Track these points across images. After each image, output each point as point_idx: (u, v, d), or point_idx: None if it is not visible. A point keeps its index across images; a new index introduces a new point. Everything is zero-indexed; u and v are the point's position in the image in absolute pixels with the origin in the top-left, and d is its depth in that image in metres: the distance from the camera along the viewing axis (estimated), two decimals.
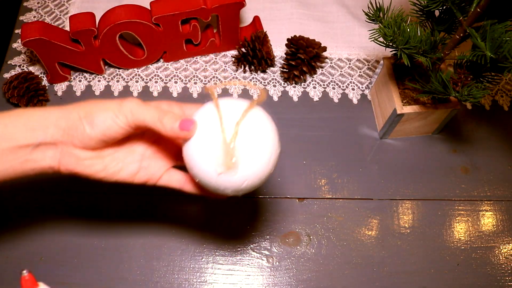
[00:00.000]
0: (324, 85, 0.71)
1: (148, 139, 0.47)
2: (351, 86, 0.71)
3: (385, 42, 0.52)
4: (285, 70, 0.70)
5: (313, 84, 0.71)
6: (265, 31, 0.69)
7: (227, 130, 0.39)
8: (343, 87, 0.70)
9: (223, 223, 0.60)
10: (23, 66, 0.71)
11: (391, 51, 0.60)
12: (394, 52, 0.57)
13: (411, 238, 0.59)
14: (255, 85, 0.42)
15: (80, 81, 0.70)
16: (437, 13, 0.57)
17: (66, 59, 0.65)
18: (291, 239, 0.59)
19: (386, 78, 0.62)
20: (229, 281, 0.56)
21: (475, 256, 0.58)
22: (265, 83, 0.70)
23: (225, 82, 0.43)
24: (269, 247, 0.58)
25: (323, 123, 0.67)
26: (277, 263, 0.57)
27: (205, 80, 0.70)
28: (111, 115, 0.40)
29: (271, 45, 0.69)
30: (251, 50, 0.68)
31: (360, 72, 0.72)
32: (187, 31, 0.67)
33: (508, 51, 0.45)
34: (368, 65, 0.72)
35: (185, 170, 0.44)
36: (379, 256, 0.58)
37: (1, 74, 0.70)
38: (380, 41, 0.53)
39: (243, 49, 0.69)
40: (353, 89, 0.70)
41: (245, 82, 0.45)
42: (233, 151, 0.39)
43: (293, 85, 0.70)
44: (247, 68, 0.71)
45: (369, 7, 0.54)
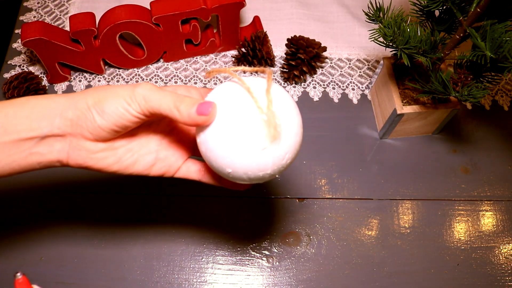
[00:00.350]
0: (324, 85, 0.71)
1: (165, 128, 0.43)
2: (351, 86, 0.71)
3: (385, 42, 0.52)
4: (285, 70, 0.70)
5: (313, 84, 0.71)
6: (265, 31, 0.69)
7: (259, 100, 0.36)
8: (343, 87, 0.70)
9: (223, 223, 0.60)
10: (23, 66, 0.71)
11: (391, 51, 0.60)
12: (394, 52, 0.57)
13: (411, 238, 0.59)
14: (262, 68, 0.40)
15: (80, 81, 0.70)
16: (437, 13, 0.57)
17: (66, 59, 0.65)
18: (291, 239, 0.59)
19: (386, 78, 0.62)
20: (229, 281, 0.56)
21: (475, 256, 0.58)
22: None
23: (230, 69, 0.40)
24: (269, 247, 0.58)
25: (323, 123, 0.67)
26: (277, 263, 0.57)
27: (205, 80, 0.70)
28: (122, 103, 0.37)
29: (271, 45, 0.69)
30: (251, 50, 0.68)
31: (360, 72, 0.72)
32: (187, 31, 0.67)
33: (508, 51, 0.45)
34: (368, 65, 0.72)
35: (202, 159, 0.41)
36: (379, 256, 0.58)
37: (1, 74, 0.70)
38: (380, 41, 0.53)
39: (243, 49, 0.69)
40: (353, 89, 0.70)
41: (252, 68, 0.42)
42: (274, 118, 0.35)
43: (293, 85, 0.70)
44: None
45: (369, 7, 0.54)
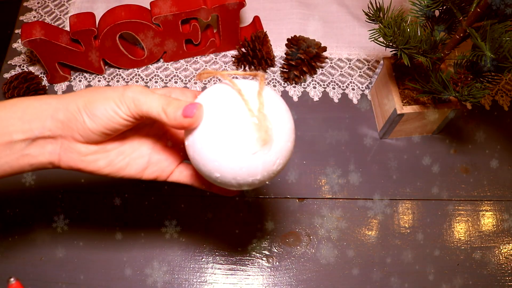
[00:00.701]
0: (324, 85, 0.71)
1: (158, 131, 0.43)
2: (351, 86, 0.71)
3: (385, 42, 0.52)
4: (285, 70, 0.70)
5: (313, 84, 0.71)
6: (265, 31, 0.69)
7: (250, 103, 0.34)
8: (343, 87, 0.70)
9: (223, 223, 0.60)
10: (23, 66, 0.71)
11: (391, 51, 0.60)
12: (394, 52, 0.57)
13: (411, 238, 0.59)
14: (254, 72, 0.39)
15: (80, 81, 0.70)
16: (437, 13, 0.57)
17: (66, 59, 0.65)
18: (291, 239, 0.59)
19: (386, 78, 0.62)
20: (229, 281, 0.56)
21: (475, 256, 0.58)
22: (265, 83, 0.70)
23: (223, 72, 0.39)
24: (269, 247, 0.58)
25: (323, 123, 0.67)
26: (277, 263, 0.57)
27: (205, 80, 0.70)
28: (112, 105, 0.36)
29: (271, 45, 0.69)
30: (251, 50, 0.68)
31: (360, 72, 0.72)
32: (187, 31, 0.67)
33: (508, 51, 0.45)
34: (368, 65, 0.72)
35: None
36: (379, 256, 0.58)
37: (1, 74, 0.70)
38: (380, 41, 0.53)
39: (243, 49, 0.69)
40: (353, 89, 0.70)
41: (244, 72, 0.41)
42: (265, 121, 0.33)
43: (293, 85, 0.70)
44: (247, 68, 0.71)
45: (369, 7, 0.54)
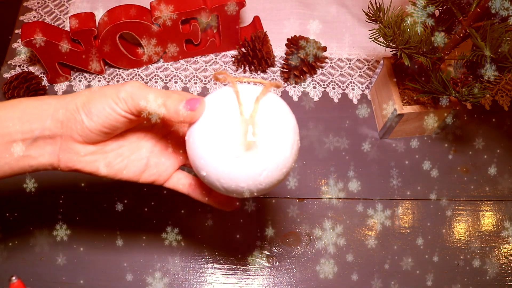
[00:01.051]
0: (324, 85, 0.71)
1: (157, 133, 0.43)
2: (351, 86, 0.71)
3: (385, 42, 0.52)
4: (285, 70, 0.70)
5: (313, 84, 0.71)
6: (265, 31, 0.69)
7: (245, 107, 0.34)
8: (343, 87, 0.70)
9: (223, 223, 0.60)
10: (23, 66, 0.71)
11: (391, 51, 0.60)
12: (394, 52, 0.57)
13: (411, 238, 0.59)
14: (270, 82, 0.39)
15: (80, 81, 0.70)
16: (437, 13, 0.57)
17: (66, 59, 0.65)
18: (291, 239, 0.59)
19: (386, 78, 0.62)
20: (229, 281, 0.56)
21: (475, 256, 0.58)
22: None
23: (234, 76, 0.39)
24: (269, 247, 0.58)
25: (323, 123, 0.67)
26: (277, 263, 0.57)
27: (205, 80, 0.70)
28: (109, 102, 0.36)
29: (271, 45, 0.69)
30: (251, 50, 0.68)
31: (360, 72, 0.72)
32: (187, 31, 0.67)
33: (508, 51, 0.45)
34: (368, 65, 0.72)
35: (194, 173, 0.39)
36: (379, 256, 0.58)
37: (1, 74, 0.70)
38: (380, 41, 0.53)
39: (243, 49, 0.69)
40: (353, 89, 0.70)
41: (257, 79, 0.41)
42: (253, 127, 0.33)
43: (293, 85, 0.70)
44: (247, 68, 0.71)
45: (369, 7, 0.54)
